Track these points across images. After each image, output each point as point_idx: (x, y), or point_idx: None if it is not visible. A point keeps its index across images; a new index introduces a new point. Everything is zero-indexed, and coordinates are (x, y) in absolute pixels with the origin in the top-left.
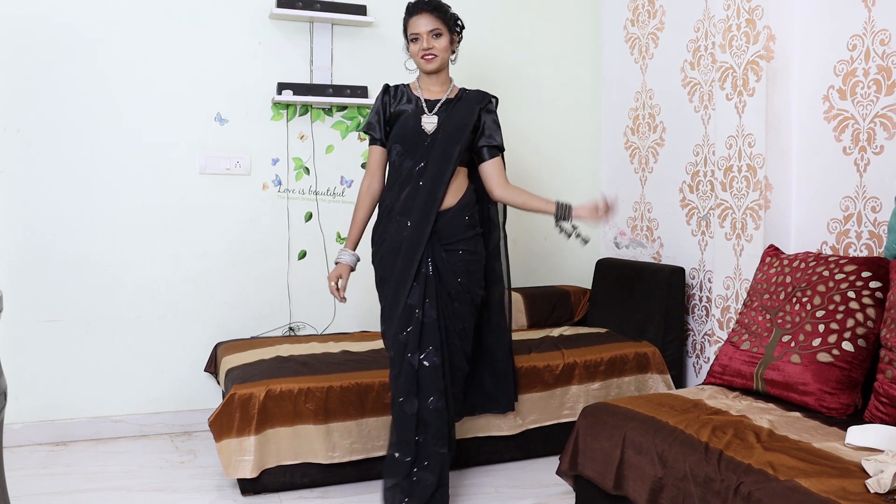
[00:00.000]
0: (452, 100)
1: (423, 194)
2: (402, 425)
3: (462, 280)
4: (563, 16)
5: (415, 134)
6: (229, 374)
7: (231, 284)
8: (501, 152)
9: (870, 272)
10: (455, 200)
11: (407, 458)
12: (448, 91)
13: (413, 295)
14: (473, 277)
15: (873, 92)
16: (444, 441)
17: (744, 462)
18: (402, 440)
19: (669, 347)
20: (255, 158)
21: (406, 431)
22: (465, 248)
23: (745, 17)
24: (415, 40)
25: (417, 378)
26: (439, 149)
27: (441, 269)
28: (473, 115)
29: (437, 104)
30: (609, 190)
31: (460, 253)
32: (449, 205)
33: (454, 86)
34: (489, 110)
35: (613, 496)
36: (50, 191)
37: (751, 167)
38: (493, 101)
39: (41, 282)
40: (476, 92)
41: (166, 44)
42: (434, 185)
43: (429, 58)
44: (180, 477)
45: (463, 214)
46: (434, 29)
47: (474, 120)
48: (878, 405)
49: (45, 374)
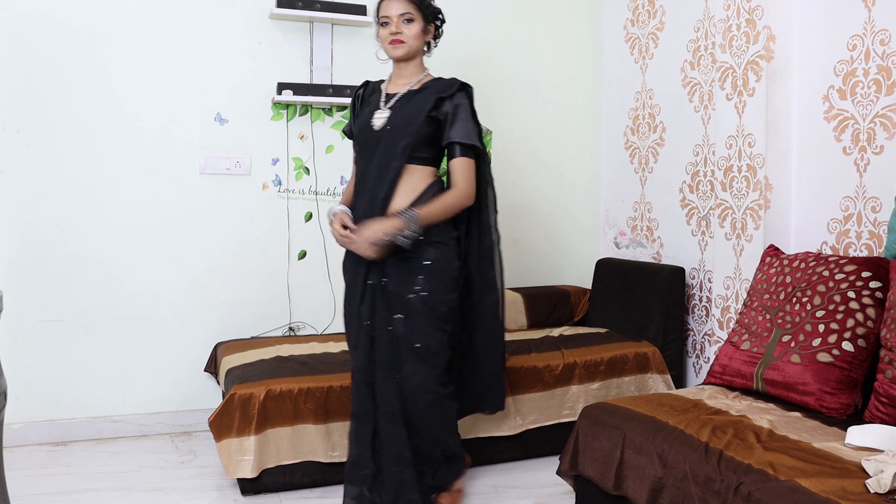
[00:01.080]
0: (414, 91)
1: (365, 197)
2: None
3: (421, 293)
4: (562, 16)
5: (365, 132)
6: (229, 374)
7: (231, 284)
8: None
9: (870, 272)
10: (406, 202)
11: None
12: (413, 83)
13: (363, 308)
14: (437, 287)
15: (873, 92)
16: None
17: (744, 462)
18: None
19: (669, 347)
20: (255, 158)
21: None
22: (423, 257)
23: (745, 17)
24: (385, 24)
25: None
26: (383, 146)
27: (392, 280)
28: (427, 106)
29: (393, 97)
30: (609, 190)
31: (414, 263)
32: (398, 207)
33: (427, 75)
34: (454, 100)
35: (613, 496)
36: (50, 190)
37: (751, 167)
38: (464, 89)
39: (41, 282)
40: (441, 80)
41: (166, 43)
42: (375, 186)
43: (396, 42)
44: (180, 477)
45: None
46: (405, 13)
47: (427, 110)
48: (878, 405)
49: (45, 374)
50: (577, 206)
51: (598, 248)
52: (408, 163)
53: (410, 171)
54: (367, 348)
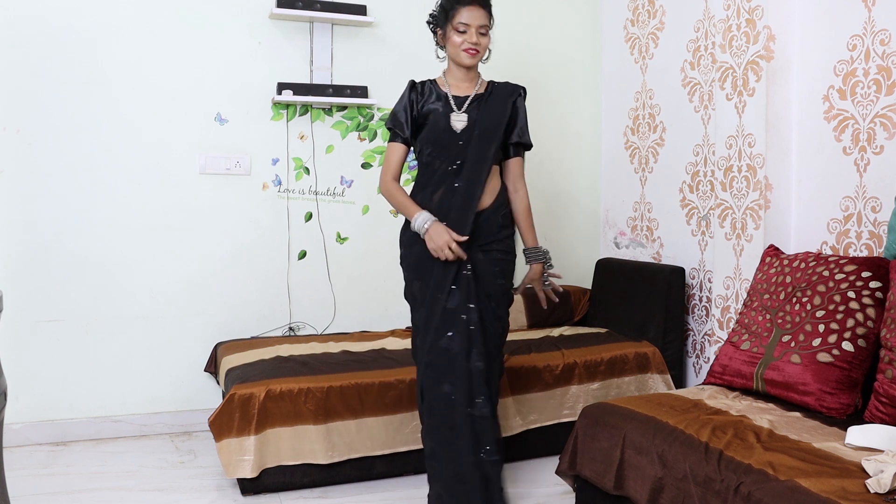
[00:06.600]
0: (483, 95)
1: (460, 196)
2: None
3: (501, 281)
4: (562, 16)
5: (446, 134)
6: (229, 374)
7: (231, 284)
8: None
9: (870, 272)
10: (491, 200)
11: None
12: (477, 86)
13: (452, 299)
14: (509, 277)
15: (873, 92)
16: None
17: (744, 462)
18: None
19: (669, 347)
20: (255, 158)
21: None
22: (500, 248)
23: (745, 17)
24: (463, 31)
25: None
26: (475, 149)
27: (480, 270)
28: (507, 110)
29: (465, 101)
30: (609, 190)
31: (496, 254)
32: (485, 205)
33: (482, 80)
34: (517, 103)
35: (613, 496)
36: (50, 191)
37: (751, 167)
38: (523, 92)
39: (41, 282)
40: (505, 84)
41: (166, 44)
42: (471, 187)
43: (472, 52)
44: (180, 477)
45: (498, 215)
46: (483, 25)
47: (508, 115)
48: (878, 405)
49: (45, 374)
50: (577, 206)
51: (598, 248)
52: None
53: (492, 171)
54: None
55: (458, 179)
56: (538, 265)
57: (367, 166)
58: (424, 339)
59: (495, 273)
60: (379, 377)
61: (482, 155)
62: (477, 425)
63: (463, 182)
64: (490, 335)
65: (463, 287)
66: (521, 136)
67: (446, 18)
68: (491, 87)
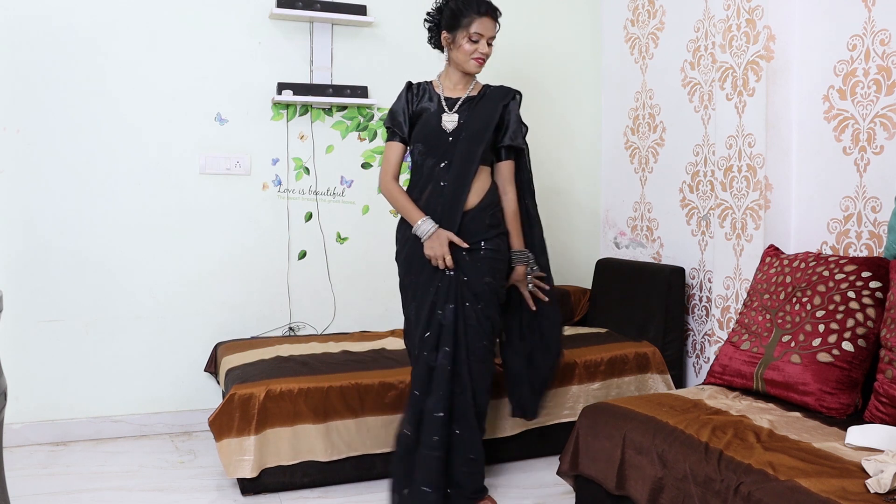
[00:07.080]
0: (475, 97)
1: (446, 195)
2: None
3: (488, 280)
4: (562, 16)
5: (437, 133)
6: (229, 374)
7: (231, 284)
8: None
9: (870, 272)
10: (477, 200)
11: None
12: (470, 88)
13: (438, 295)
14: (498, 276)
15: (873, 92)
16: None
17: (744, 462)
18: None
19: (669, 347)
20: (255, 158)
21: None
22: (488, 246)
23: (745, 17)
24: (476, 41)
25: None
26: (463, 148)
27: (466, 270)
28: (497, 113)
29: (457, 102)
30: (609, 190)
31: (482, 252)
32: (471, 205)
33: (477, 83)
34: (510, 107)
35: (614, 496)
36: (50, 191)
37: (751, 167)
38: (518, 96)
39: (41, 282)
40: (499, 88)
41: (166, 44)
42: (458, 186)
43: (481, 62)
44: (180, 477)
45: (485, 215)
46: (493, 37)
47: (497, 118)
48: (878, 405)
49: (45, 374)
50: (577, 206)
51: (598, 248)
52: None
53: (480, 171)
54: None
55: (445, 178)
56: (521, 267)
57: (367, 166)
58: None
59: (482, 272)
60: (379, 377)
61: (469, 156)
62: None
63: (450, 182)
64: (475, 335)
65: (445, 286)
66: (513, 140)
67: (458, 25)
68: (484, 90)
